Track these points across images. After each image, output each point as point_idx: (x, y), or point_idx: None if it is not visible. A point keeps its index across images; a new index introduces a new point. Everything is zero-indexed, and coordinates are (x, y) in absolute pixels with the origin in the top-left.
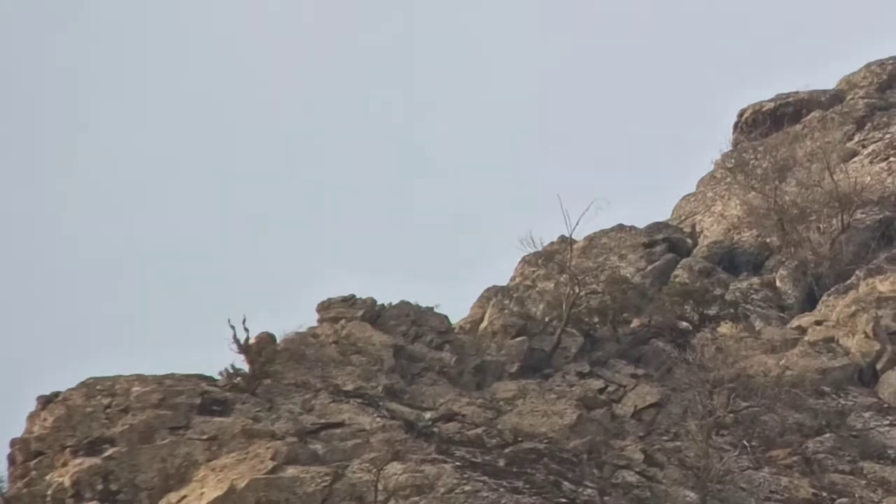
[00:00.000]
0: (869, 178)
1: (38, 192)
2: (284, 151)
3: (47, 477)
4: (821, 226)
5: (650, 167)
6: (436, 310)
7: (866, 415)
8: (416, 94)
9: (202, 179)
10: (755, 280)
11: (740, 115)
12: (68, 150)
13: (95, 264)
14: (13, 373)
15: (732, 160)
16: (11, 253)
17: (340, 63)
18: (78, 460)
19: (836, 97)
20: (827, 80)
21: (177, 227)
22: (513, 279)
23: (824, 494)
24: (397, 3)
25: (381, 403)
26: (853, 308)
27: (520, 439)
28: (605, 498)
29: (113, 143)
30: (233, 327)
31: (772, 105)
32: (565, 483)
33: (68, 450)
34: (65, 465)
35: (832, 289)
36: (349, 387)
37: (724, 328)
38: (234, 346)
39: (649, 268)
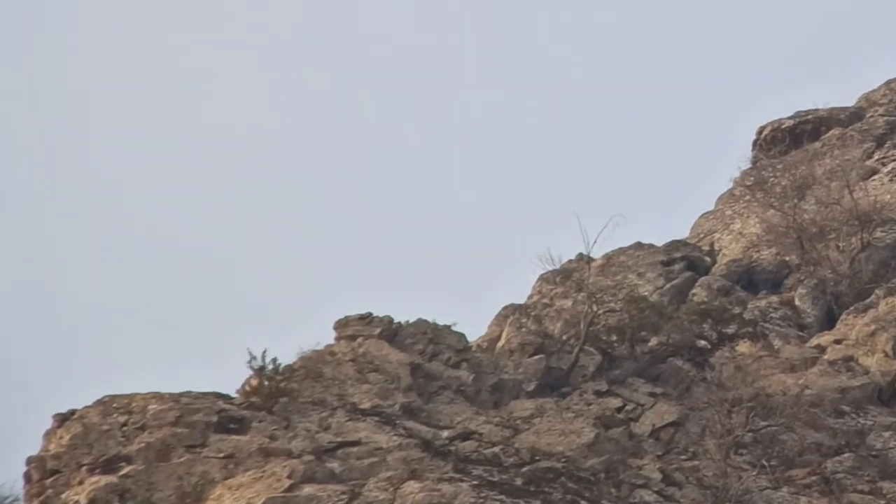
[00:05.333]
0: (889, 196)
1: (54, 205)
2: (296, 165)
3: (63, 495)
4: (840, 244)
5: (669, 185)
6: (453, 328)
7: (886, 434)
8: (433, 108)
9: (218, 192)
10: (774, 299)
11: (759, 132)
12: (79, 160)
13: (111, 281)
14: (30, 390)
15: (751, 178)
16: (28, 270)
17: (354, 72)
18: (94, 478)
19: (855, 115)
20: (846, 98)
21: (194, 244)
22: (531, 297)
23: None
24: (415, 6)
25: (398, 422)
26: (873, 327)
27: (537, 458)
28: None
29: (120, 158)
30: (253, 356)
31: (791, 122)
32: (583, 502)
33: (85, 468)
34: (81, 483)
35: (851, 307)
36: (366, 405)
37: (743, 347)
38: (251, 371)
39: (668, 286)
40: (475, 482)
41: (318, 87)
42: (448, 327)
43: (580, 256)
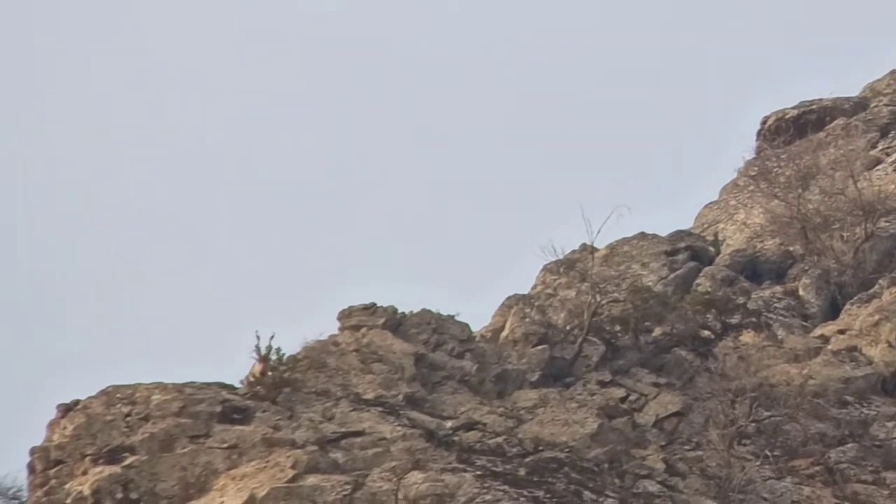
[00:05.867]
0: (893, 187)
1: (54, 197)
2: (300, 157)
3: (67, 486)
4: (844, 234)
5: (673, 175)
6: (457, 318)
7: (889, 424)
8: (437, 98)
9: (221, 181)
10: (778, 289)
11: (763, 122)
12: (82, 155)
13: (114, 271)
14: (33, 380)
15: (755, 168)
16: (31, 260)
17: (355, 62)
18: (98, 469)
19: (859, 105)
20: (851, 88)
21: (197, 234)
22: (534, 287)
23: None
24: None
25: (401, 412)
26: (876, 317)
27: (540, 448)
28: None
29: (131, 148)
30: (258, 337)
31: (795, 112)
32: (586, 492)
33: (88, 458)
34: (85, 473)
35: (855, 297)
36: (370, 395)
37: (747, 337)
38: (255, 356)
39: (671, 276)
40: (479, 472)
41: (319, 82)
42: (452, 317)
43: (584, 247)
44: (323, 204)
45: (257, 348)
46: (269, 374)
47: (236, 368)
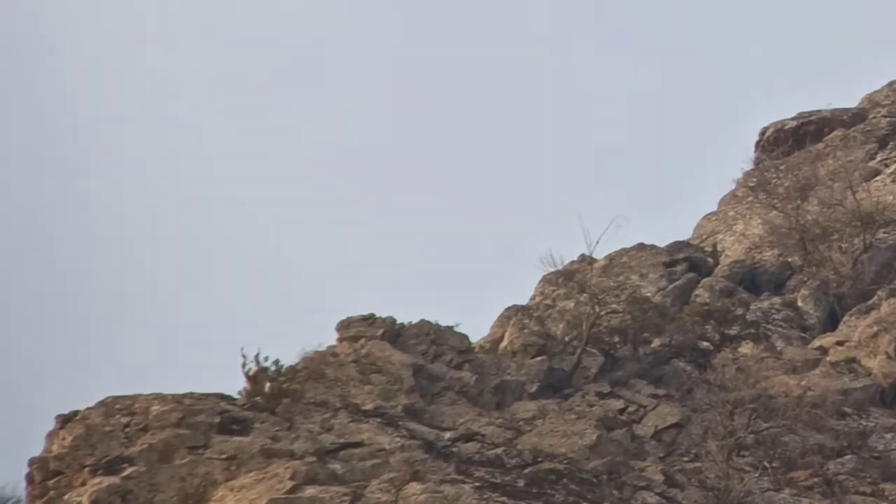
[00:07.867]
0: (891, 198)
1: (57, 205)
2: (300, 164)
3: (66, 496)
4: (843, 245)
5: (671, 186)
6: (455, 329)
7: (888, 436)
8: (436, 109)
9: (221, 192)
10: (776, 300)
11: (762, 133)
12: (82, 161)
13: (114, 281)
14: (32, 391)
15: (754, 179)
16: (30, 271)
17: (355, 73)
18: (97, 479)
19: (858, 116)
20: (849, 99)
21: (197, 244)
22: (533, 298)
23: None
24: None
25: (400, 423)
26: (875, 328)
27: (539, 459)
28: None
29: (122, 161)
30: (244, 356)
31: (794, 123)
32: None
33: (87, 469)
34: (83, 484)
35: (854, 309)
36: (368, 406)
37: (745, 348)
38: (244, 375)
39: (670, 287)
40: (477, 484)
41: (322, 88)
42: (450, 328)
43: (582, 257)
44: (323, 213)
45: (244, 367)
46: (266, 385)
47: (235, 379)
